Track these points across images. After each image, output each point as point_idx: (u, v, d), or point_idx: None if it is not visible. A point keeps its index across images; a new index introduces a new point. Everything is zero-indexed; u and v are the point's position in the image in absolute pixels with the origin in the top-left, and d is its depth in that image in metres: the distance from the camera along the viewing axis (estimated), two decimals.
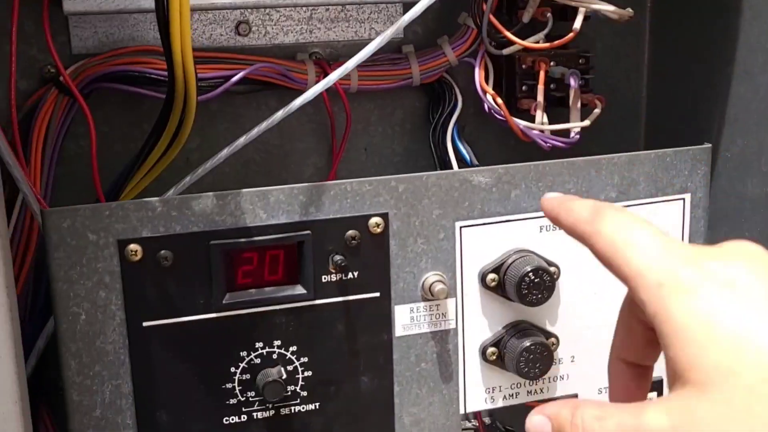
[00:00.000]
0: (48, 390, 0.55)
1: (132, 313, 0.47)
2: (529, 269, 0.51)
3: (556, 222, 0.40)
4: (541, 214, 0.50)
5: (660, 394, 0.58)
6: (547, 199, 0.41)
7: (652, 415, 0.31)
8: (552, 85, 0.61)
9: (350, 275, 0.50)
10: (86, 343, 0.47)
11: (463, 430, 0.59)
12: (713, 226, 0.59)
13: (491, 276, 0.52)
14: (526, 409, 0.57)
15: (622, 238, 0.37)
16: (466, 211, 0.52)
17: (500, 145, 0.65)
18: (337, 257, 0.49)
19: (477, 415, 0.61)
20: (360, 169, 0.63)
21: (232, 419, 0.50)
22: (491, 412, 0.65)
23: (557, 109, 0.62)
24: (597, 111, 0.61)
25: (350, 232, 0.49)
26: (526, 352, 0.52)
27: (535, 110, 0.60)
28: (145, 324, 0.47)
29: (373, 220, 0.50)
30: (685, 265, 0.34)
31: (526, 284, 0.51)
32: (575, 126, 0.59)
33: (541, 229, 0.53)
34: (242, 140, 0.54)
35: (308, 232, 0.49)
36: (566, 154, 0.58)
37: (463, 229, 0.52)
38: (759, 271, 0.34)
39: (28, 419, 0.42)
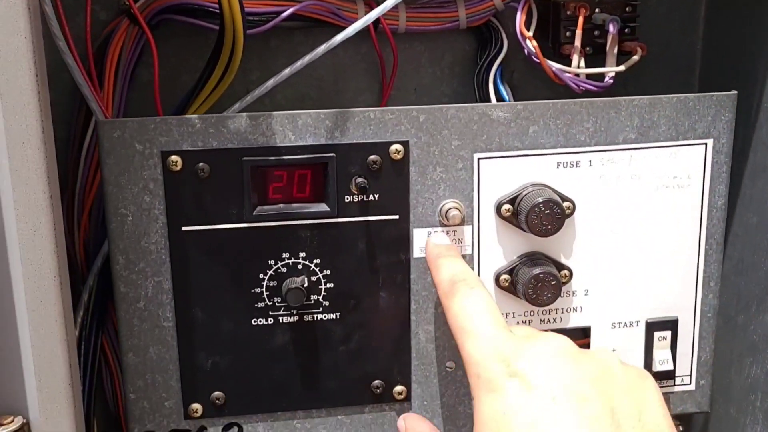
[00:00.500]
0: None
1: (172, 217, 0.53)
2: (540, 200, 0.54)
3: (430, 269, 0.51)
4: (558, 150, 0.54)
5: (675, 333, 0.59)
6: (433, 245, 0.50)
7: None
8: (596, 32, 0.63)
9: (371, 197, 0.54)
10: (132, 242, 0.53)
11: None
12: (753, 178, 0.60)
13: (506, 206, 0.55)
14: None
15: (461, 324, 0.45)
16: (485, 144, 0.55)
17: (547, 90, 0.67)
18: (359, 179, 0.54)
19: None
20: None
21: (260, 321, 0.56)
22: None
23: (601, 56, 0.64)
24: (635, 58, 0.63)
25: (372, 157, 0.54)
26: (534, 280, 0.55)
27: (573, 54, 0.62)
28: (183, 228, 0.53)
29: (394, 147, 0.54)
30: (499, 362, 0.42)
31: (536, 214, 0.54)
32: (609, 70, 0.61)
33: (558, 165, 0.56)
34: (287, 71, 0.59)
35: (332, 154, 0.53)
36: None
37: (481, 160, 0.55)
38: (563, 380, 0.40)
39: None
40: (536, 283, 0.55)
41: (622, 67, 0.62)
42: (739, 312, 0.61)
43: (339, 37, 0.58)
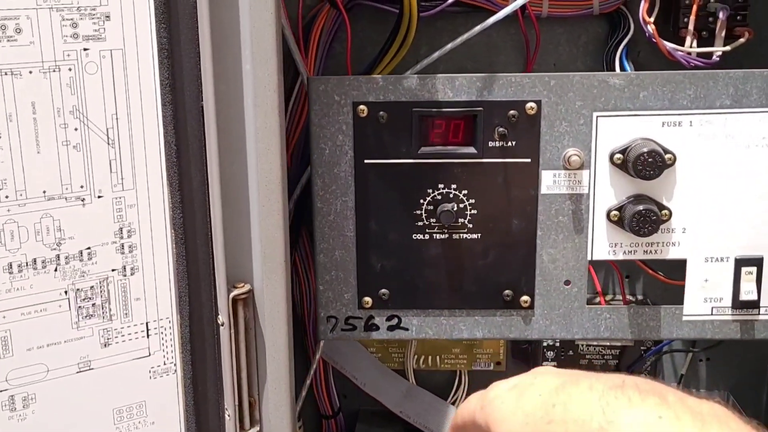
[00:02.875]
0: (308, 216, 0.81)
1: (358, 152, 0.71)
2: (645, 150, 0.67)
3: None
4: (663, 112, 0.68)
5: (760, 269, 0.71)
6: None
7: None
8: (710, 18, 0.76)
9: (509, 143, 0.70)
10: (327, 169, 0.71)
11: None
12: None
13: (618, 155, 0.69)
14: None
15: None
16: (602, 105, 0.69)
17: (667, 67, 0.78)
18: (501, 129, 0.69)
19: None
20: None
21: (419, 236, 0.72)
22: None
23: (714, 39, 0.76)
24: (741, 40, 0.75)
25: (511, 112, 0.69)
26: (637, 215, 0.69)
27: (687, 36, 0.75)
28: (365, 161, 0.71)
29: (529, 105, 0.69)
30: (488, 392, 0.50)
31: (641, 162, 0.67)
32: (715, 50, 0.74)
33: (663, 124, 0.69)
34: (449, 46, 0.75)
35: (481, 108, 0.69)
36: None
37: (599, 118, 0.69)
38: (527, 375, 0.49)
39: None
40: (639, 218, 0.69)
41: (727, 48, 0.74)
42: None
43: (491, 20, 0.74)
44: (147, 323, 0.63)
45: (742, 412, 0.46)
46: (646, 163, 0.67)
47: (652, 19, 0.76)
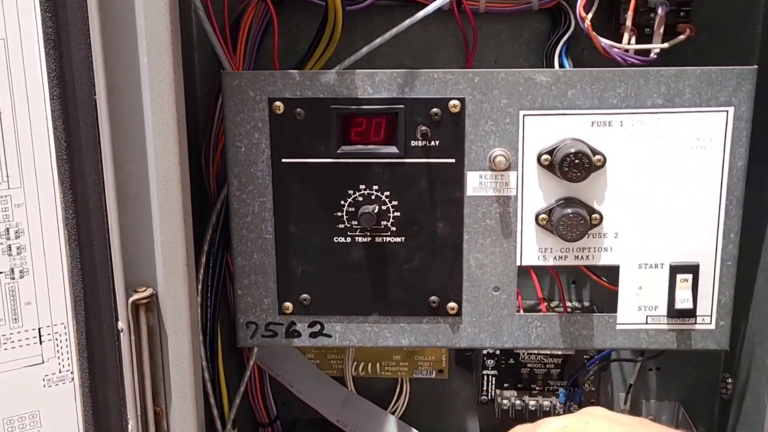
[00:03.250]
0: None
1: (275, 150, 0.67)
2: (572, 151, 0.64)
3: None
4: (592, 111, 0.64)
5: (696, 277, 0.68)
6: None
7: None
8: (651, 15, 0.73)
9: (433, 143, 0.67)
10: (244, 168, 0.68)
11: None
12: None
13: (545, 156, 0.66)
14: None
15: None
16: (529, 103, 0.66)
17: (611, 66, 0.76)
18: (423, 128, 0.66)
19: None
20: None
21: (340, 239, 0.69)
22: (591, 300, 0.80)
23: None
24: (681, 37, 0.71)
25: (434, 110, 0.66)
26: (565, 218, 0.66)
27: (624, 32, 0.72)
28: (283, 160, 0.68)
29: (452, 102, 0.66)
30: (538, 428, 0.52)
31: (567, 163, 0.64)
32: (653, 47, 0.71)
33: (592, 123, 0.66)
34: (378, 41, 0.72)
35: (402, 106, 0.66)
36: None
37: (525, 117, 0.66)
38: (579, 417, 0.51)
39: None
40: (567, 222, 0.66)
41: (665, 45, 0.71)
42: None
43: (420, 14, 0.71)
44: (39, 329, 0.60)
45: (693, 424, 0.46)
46: (573, 165, 0.64)
47: (589, 15, 0.73)
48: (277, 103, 0.66)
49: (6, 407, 0.60)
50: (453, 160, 0.67)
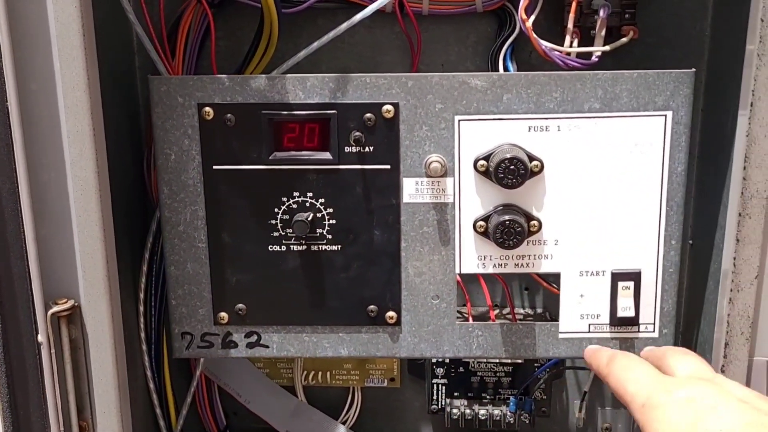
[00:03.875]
0: None
1: (206, 157, 0.66)
2: (508, 156, 0.63)
3: (589, 364, 0.61)
4: (529, 115, 0.63)
5: (638, 284, 0.67)
6: (588, 349, 0.63)
7: None
8: (595, 17, 0.71)
9: (367, 149, 0.65)
10: (174, 176, 0.66)
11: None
12: None
13: (481, 162, 0.65)
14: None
15: (622, 376, 0.55)
16: (464, 108, 0.64)
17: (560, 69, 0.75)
18: (357, 133, 0.65)
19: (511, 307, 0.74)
20: None
21: (275, 248, 0.68)
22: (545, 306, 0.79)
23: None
24: (624, 39, 0.70)
25: (367, 115, 0.65)
26: (501, 226, 0.64)
27: (566, 35, 0.70)
28: (214, 167, 0.66)
29: (386, 107, 0.64)
30: (660, 392, 0.51)
31: (502, 169, 0.63)
32: (594, 50, 0.69)
33: (529, 128, 0.64)
34: (315, 44, 0.70)
35: (334, 111, 0.65)
36: None
37: (461, 122, 0.65)
38: (713, 393, 0.49)
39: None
40: (503, 229, 0.64)
41: (606, 48, 0.70)
42: None
43: (359, 16, 0.69)
44: None
45: None
46: (508, 171, 0.63)
47: (531, 18, 0.71)
48: (207, 108, 0.65)
49: None
50: (388, 167, 0.66)
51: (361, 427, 0.90)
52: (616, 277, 0.67)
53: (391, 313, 0.69)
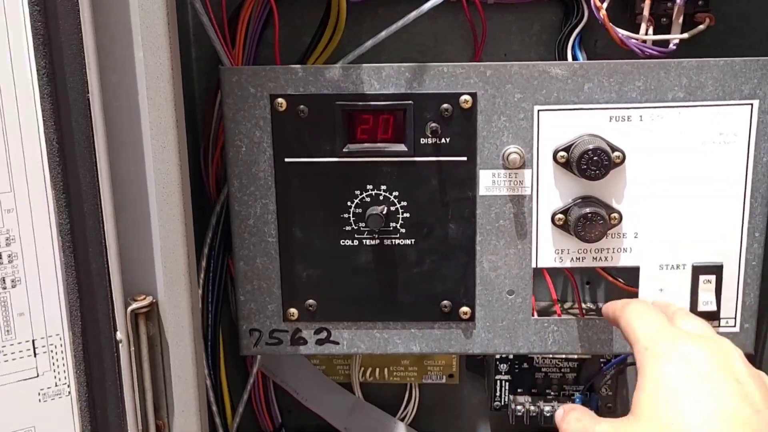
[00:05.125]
0: None
1: (278, 150, 0.64)
2: (590, 147, 0.61)
3: (605, 315, 0.62)
4: (610, 105, 0.61)
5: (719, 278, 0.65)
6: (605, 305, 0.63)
7: (602, 427, 0.51)
8: (668, 4, 0.69)
9: (443, 140, 0.64)
10: (245, 169, 0.65)
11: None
12: None
13: (561, 153, 0.63)
14: None
15: (634, 318, 0.56)
16: (544, 98, 0.63)
17: (627, 58, 0.73)
18: (433, 124, 0.63)
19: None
20: None
21: (347, 242, 0.66)
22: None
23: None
24: (701, 27, 0.68)
25: (444, 105, 0.63)
26: (583, 218, 0.62)
27: (640, 22, 0.69)
28: (286, 159, 0.65)
29: (464, 97, 0.63)
30: (665, 341, 0.53)
31: (585, 160, 0.61)
32: (672, 37, 0.68)
33: (610, 119, 0.63)
34: (383, 34, 0.69)
35: (410, 102, 0.63)
36: None
37: (540, 112, 0.63)
38: (714, 360, 0.51)
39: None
40: (584, 222, 0.62)
41: (684, 35, 0.68)
42: None
43: (427, 6, 0.67)
44: (33, 341, 0.57)
45: None
46: (591, 162, 0.61)
47: (604, 5, 0.70)
48: (280, 99, 0.63)
49: (0, 423, 0.57)
50: (464, 158, 0.64)
51: (419, 424, 0.88)
52: (698, 271, 0.65)
53: (465, 309, 0.67)
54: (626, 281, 0.71)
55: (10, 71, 0.52)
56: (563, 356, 0.80)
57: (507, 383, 0.82)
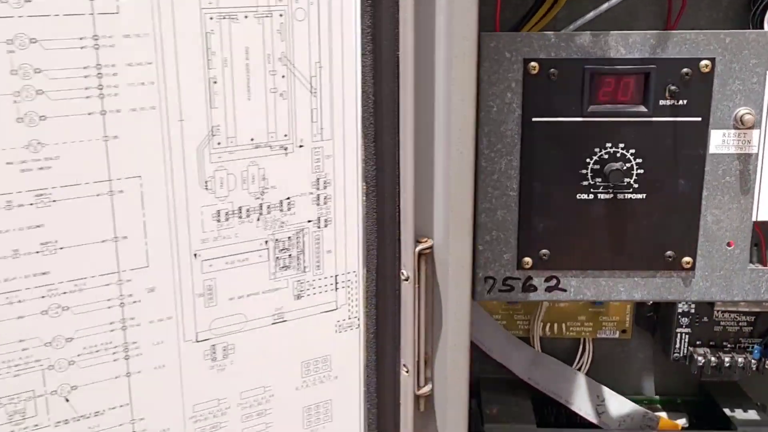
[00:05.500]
0: None
1: (526, 110, 0.70)
2: None
3: None
4: None
5: None
6: None
7: None
8: None
9: (681, 102, 0.69)
10: (494, 128, 0.71)
11: None
12: None
13: None
14: None
15: None
16: None
17: None
18: (673, 87, 0.69)
19: None
20: None
21: (583, 196, 0.72)
22: None
23: None
24: None
25: (684, 70, 0.69)
26: None
27: None
28: (533, 119, 0.70)
29: (704, 62, 0.68)
30: None
31: None
32: None
33: None
34: (605, 6, 0.74)
35: (654, 66, 0.69)
36: None
37: None
38: None
39: None
40: None
41: None
42: None
43: None
44: (336, 276, 0.62)
45: None
46: None
47: None
48: (533, 63, 0.69)
49: (305, 351, 0.62)
50: (699, 119, 0.70)
51: (593, 376, 0.94)
52: None
53: (687, 258, 0.73)
54: None
55: (340, 30, 0.58)
56: (745, 309, 0.86)
57: (687, 336, 0.88)
